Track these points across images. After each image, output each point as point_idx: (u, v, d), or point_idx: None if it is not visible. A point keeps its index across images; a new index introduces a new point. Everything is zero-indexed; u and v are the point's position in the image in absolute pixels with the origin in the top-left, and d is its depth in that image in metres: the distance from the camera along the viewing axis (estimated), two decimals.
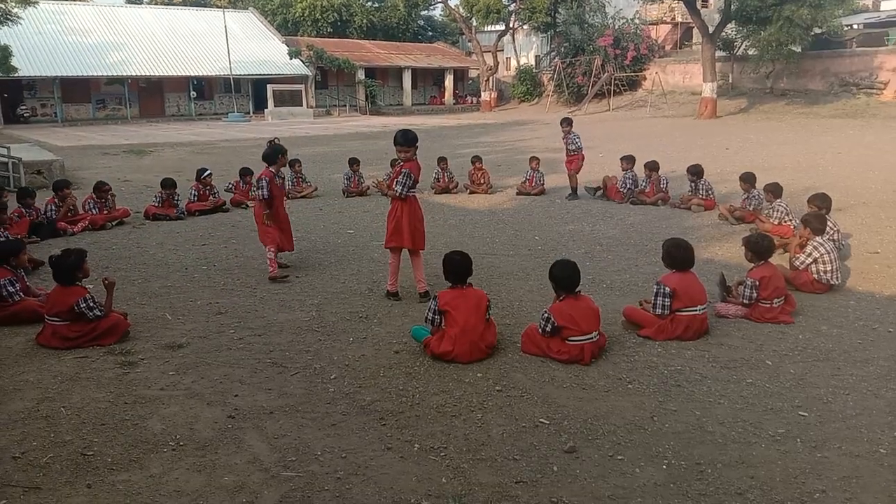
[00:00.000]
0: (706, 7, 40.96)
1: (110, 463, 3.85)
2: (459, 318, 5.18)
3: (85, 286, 5.86)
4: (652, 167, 11.93)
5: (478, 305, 5.28)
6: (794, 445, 3.97)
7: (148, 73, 39.71)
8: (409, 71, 49.40)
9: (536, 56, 51.84)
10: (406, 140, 6.65)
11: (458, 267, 5.41)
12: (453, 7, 49.48)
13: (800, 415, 4.33)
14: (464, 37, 54.80)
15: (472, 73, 53.58)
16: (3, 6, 20.83)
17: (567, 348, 5.15)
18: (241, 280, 7.60)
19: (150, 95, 41.53)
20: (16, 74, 30.89)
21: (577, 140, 12.49)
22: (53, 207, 10.13)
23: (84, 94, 39.26)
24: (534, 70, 48.71)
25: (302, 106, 42.06)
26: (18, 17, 21.88)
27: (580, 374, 4.97)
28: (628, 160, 12.12)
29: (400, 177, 6.66)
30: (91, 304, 5.62)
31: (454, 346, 5.15)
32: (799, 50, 31.66)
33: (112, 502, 3.49)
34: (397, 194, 6.64)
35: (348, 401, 4.62)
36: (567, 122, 12.62)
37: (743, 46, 35.42)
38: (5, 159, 14.01)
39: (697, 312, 5.63)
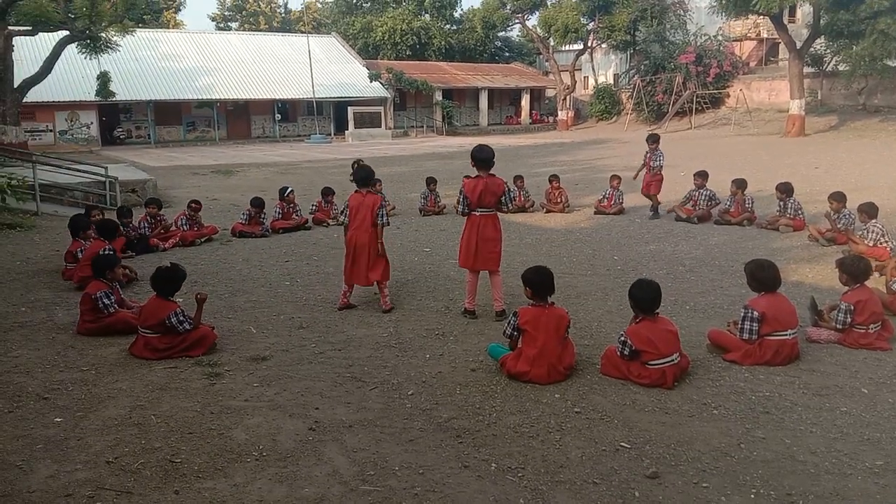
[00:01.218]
0: (793, 22, 39.63)
1: (197, 470, 3.97)
2: (539, 339, 5.12)
3: (176, 300, 6.10)
4: (739, 185, 11.60)
5: (558, 326, 5.21)
6: (895, 479, 3.74)
7: (235, 97, 41.27)
8: (486, 91, 49.65)
9: (615, 74, 51.30)
10: (473, 156, 6.74)
11: (542, 282, 5.35)
12: (531, 27, 49.56)
13: None
14: (541, 56, 54.77)
15: (549, 93, 53.40)
16: (104, 35, 22.05)
17: (648, 372, 5.02)
18: (321, 296, 7.76)
19: (237, 118, 43.14)
20: (114, 99, 32.66)
21: (661, 158, 12.26)
22: (146, 224, 10.64)
23: (175, 117, 41.13)
24: (612, 88, 48.20)
25: (381, 127, 42.86)
26: (118, 44, 23.14)
27: (662, 398, 4.83)
28: (701, 176, 11.99)
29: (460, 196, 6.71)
30: (181, 318, 5.84)
31: (531, 366, 5.10)
32: (894, 64, 30.23)
33: None
34: (458, 213, 6.73)
35: (425, 417, 4.63)
36: (654, 140, 12.38)
37: (833, 62, 34.08)
38: (103, 178, 14.80)
39: (787, 337, 5.41)
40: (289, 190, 12.23)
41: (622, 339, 5.13)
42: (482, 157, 6.69)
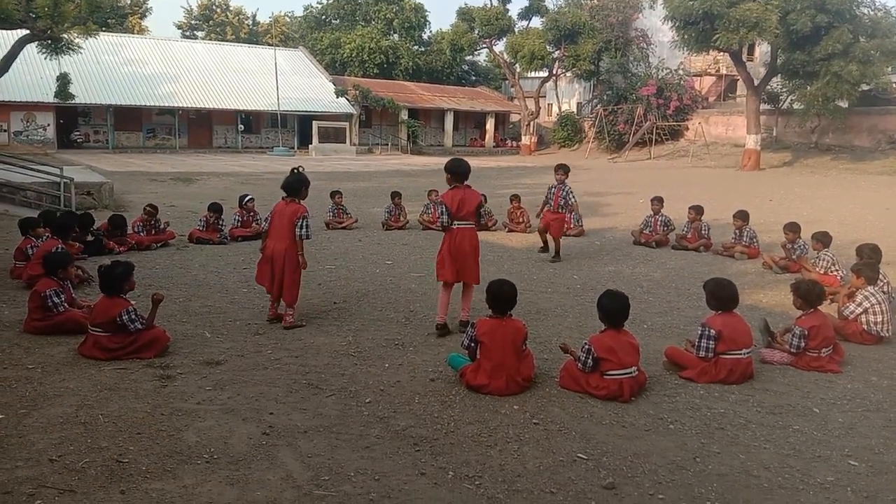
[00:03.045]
0: (751, 60, 40.78)
1: (144, 471, 3.84)
2: (495, 352, 5.11)
3: (129, 300, 5.94)
4: (697, 211, 11.83)
5: (514, 339, 5.21)
6: (845, 494, 3.81)
7: (198, 106, 40.77)
8: (452, 113, 49.95)
9: (578, 103, 52.10)
10: (448, 168, 6.71)
11: (502, 296, 5.34)
12: (498, 53, 50.14)
13: (850, 464, 4.16)
14: (507, 82, 55.41)
15: (514, 118, 53.95)
16: (66, 36, 21.58)
17: (605, 383, 5.05)
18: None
19: (199, 127, 42.58)
20: (73, 101, 31.96)
21: (572, 196, 10.26)
22: (104, 232, 10.36)
23: (135, 123, 40.39)
24: (575, 116, 48.93)
25: (345, 143, 42.73)
26: (80, 46, 22.66)
27: (620, 412, 4.85)
28: (658, 201, 12.20)
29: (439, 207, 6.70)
30: (133, 317, 5.69)
31: (490, 379, 5.09)
32: (846, 105, 31.30)
33: None
34: (439, 226, 6.72)
35: (383, 425, 4.57)
36: (563, 170, 10.25)
37: (788, 100, 35.15)
38: (58, 179, 14.43)
39: (742, 356, 5.49)
40: (248, 198, 12.08)
41: (586, 346, 5.15)
42: (460, 171, 6.67)
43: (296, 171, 6.95)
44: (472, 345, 5.25)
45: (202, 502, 3.55)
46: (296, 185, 6.82)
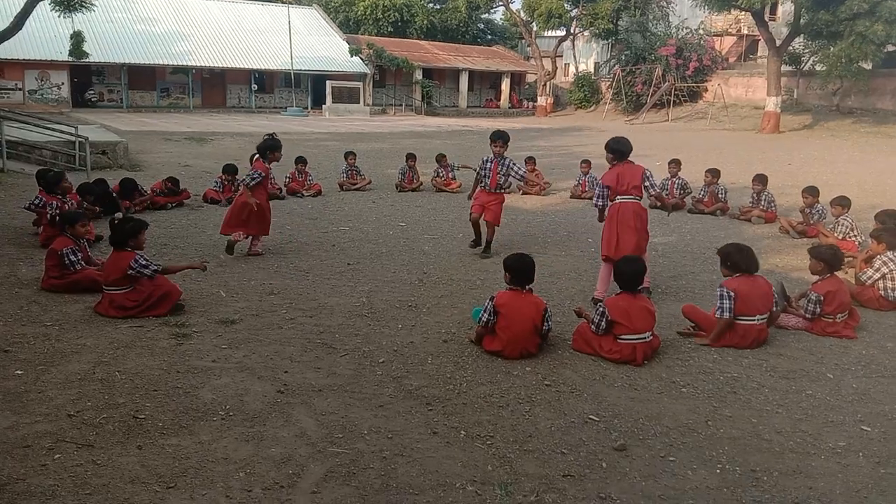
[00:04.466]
0: (774, 20, 39.89)
1: (161, 427, 3.90)
2: (513, 326, 5.04)
3: (136, 251, 5.91)
4: (714, 174, 11.70)
5: (534, 315, 5.11)
6: (856, 459, 3.81)
7: (212, 65, 40.50)
8: (467, 73, 49.35)
9: (596, 63, 51.32)
10: (609, 147, 6.75)
11: (523, 268, 5.26)
12: (514, 11, 49.32)
13: (862, 429, 4.16)
14: (523, 41, 54.57)
15: (530, 78, 53.25)
16: None
17: (619, 347, 5.05)
18: (294, 264, 7.67)
19: (213, 86, 42.37)
20: (86, 60, 31.88)
21: (518, 168, 8.36)
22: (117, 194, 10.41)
23: (149, 82, 40.26)
24: (592, 77, 48.25)
25: (359, 103, 42.41)
26: (92, 3, 22.49)
27: (632, 375, 4.86)
28: (675, 164, 12.10)
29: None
30: (144, 262, 5.76)
31: (504, 348, 5.08)
32: (869, 67, 30.62)
33: (161, 464, 3.53)
34: (597, 209, 6.84)
35: (396, 384, 4.60)
36: (502, 139, 8.05)
37: (810, 62, 34.45)
38: (73, 138, 14.45)
39: (755, 322, 5.45)
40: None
41: (600, 308, 5.13)
42: (622, 149, 6.63)
43: (268, 136, 8.07)
44: (491, 318, 5.10)
45: (218, 458, 3.61)
46: (261, 147, 8.00)
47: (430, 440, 3.88)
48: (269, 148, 7.88)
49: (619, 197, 6.55)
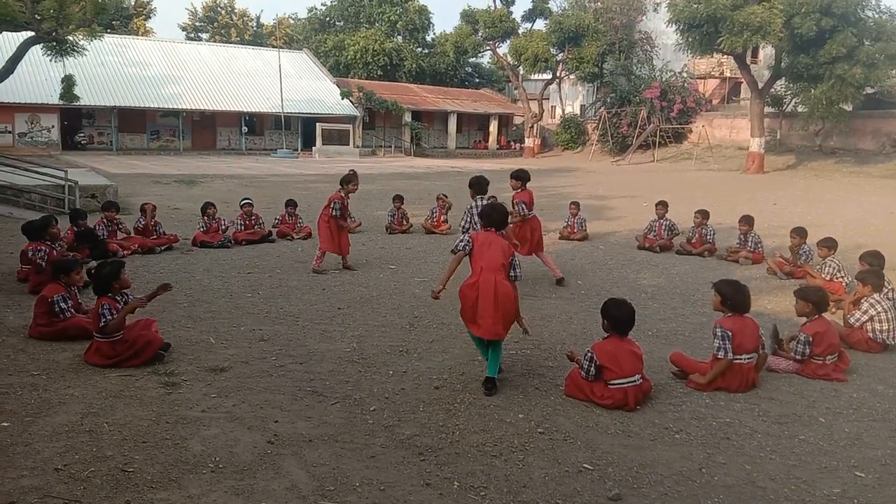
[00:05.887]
0: (756, 63, 40.72)
1: (150, 481, 3.84)
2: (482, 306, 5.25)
3: (114, 298, 5.85)
4: (703, 215, 11.82)
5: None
6: None
7: (202, 108, 40.83)
8: (455, 115, 49.97)
9: (582, 105, 52.08)
10: (513, 175, 8.84)
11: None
12: (501, 55, 50.15)
13: (856, 475, 4.15)
14: (510, 84, 55.36)
15: (517, 120, 53.95)
16: (71, 38, 21.61)
17: (610, 393, 5.04)
18: (284, 309, 7.64)
19: (203, 129, 42.65)
20: (77, 103, 32.02)
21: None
22: (103, 227, 10.43)
23: (139, 125, 40.46)
24: (579, 119, 48.91)
25: (349, 145, 42.76)
26: (84, 48, 22.69)
27: (625, 421, 4.84)
28: (662, 205, 12.16)
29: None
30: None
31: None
32: (850, 109, 31.24)
33: None
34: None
35: (387, 434, 4.56)
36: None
37: (792, 103, 35.09)
38: (62, 182, 14.45)
39: (744, 362, 5.46)
40: (245, 200, 12.19)
41: (588, 354, 5.14)
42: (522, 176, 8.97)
43: (351, 172, 9.65)
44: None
45: None
46: (342, 180, 9.52)
47: (423, 492, 3.84)
48: (344, 181, 9.39)
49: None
